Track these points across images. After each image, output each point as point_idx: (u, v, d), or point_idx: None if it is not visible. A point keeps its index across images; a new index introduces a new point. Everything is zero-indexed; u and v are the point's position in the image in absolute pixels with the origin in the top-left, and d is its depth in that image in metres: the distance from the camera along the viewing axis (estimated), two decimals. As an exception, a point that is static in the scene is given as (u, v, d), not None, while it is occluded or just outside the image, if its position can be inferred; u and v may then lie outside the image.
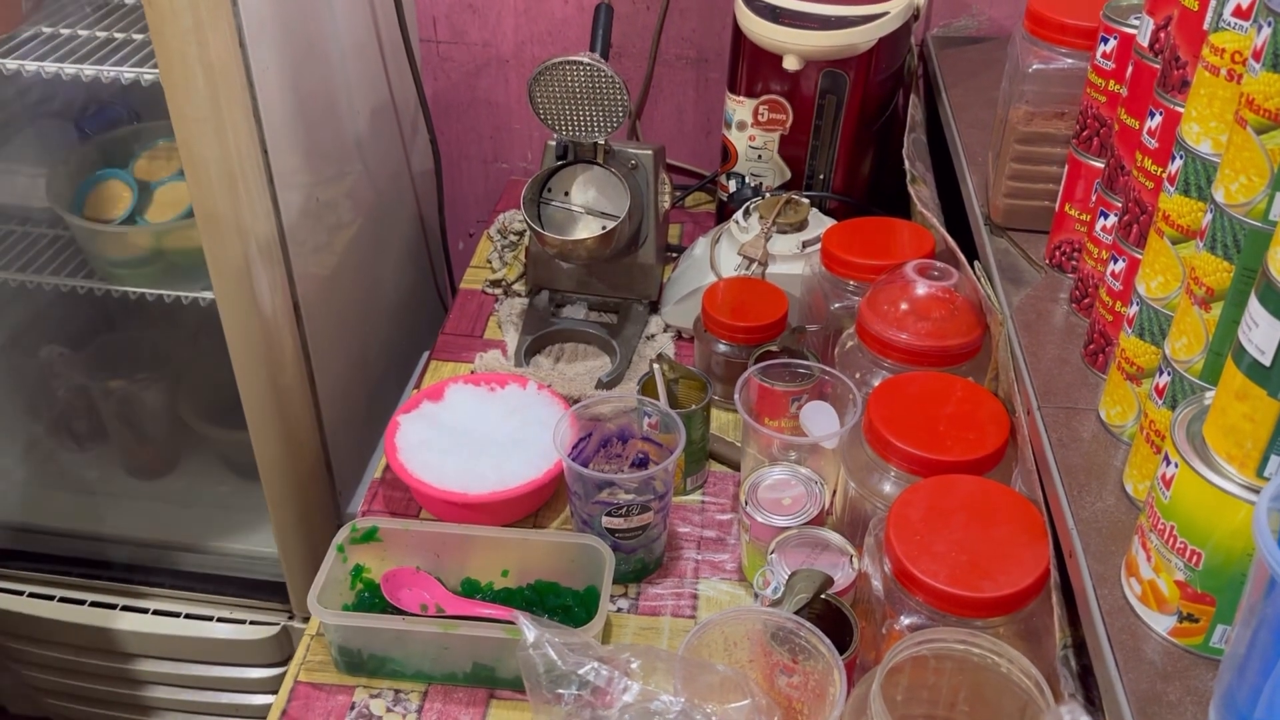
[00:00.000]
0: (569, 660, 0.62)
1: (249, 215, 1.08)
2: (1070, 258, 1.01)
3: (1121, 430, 0.83)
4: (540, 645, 0.62)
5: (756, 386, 1.10)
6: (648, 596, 1.05)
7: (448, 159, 1.69)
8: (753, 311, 1.21)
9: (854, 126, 1.36)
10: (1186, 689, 0.65)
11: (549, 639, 0.63)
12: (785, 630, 0.83)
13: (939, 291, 1.07)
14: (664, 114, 1.64)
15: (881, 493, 0.95)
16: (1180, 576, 0.66)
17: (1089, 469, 0.81)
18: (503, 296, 1.41)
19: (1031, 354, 0.93)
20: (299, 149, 1.18)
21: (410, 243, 1.60)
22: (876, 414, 0.95)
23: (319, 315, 1.27)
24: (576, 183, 1.28)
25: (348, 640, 0.96)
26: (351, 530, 1.01)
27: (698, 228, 1.55)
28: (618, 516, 1.00)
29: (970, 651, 0.78)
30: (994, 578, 0.80)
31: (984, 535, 0.83)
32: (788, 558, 0.95)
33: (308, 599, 0.93)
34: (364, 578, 1.02)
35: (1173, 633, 0.68)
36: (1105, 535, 0.75)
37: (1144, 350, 0.78)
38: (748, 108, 1.38)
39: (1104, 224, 0.90)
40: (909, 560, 0.81)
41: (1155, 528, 0.67)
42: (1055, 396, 0.88)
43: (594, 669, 0.62)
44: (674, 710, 0.59)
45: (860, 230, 1.23)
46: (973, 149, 1.23)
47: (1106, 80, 0.91)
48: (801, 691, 0.85)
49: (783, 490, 1.02)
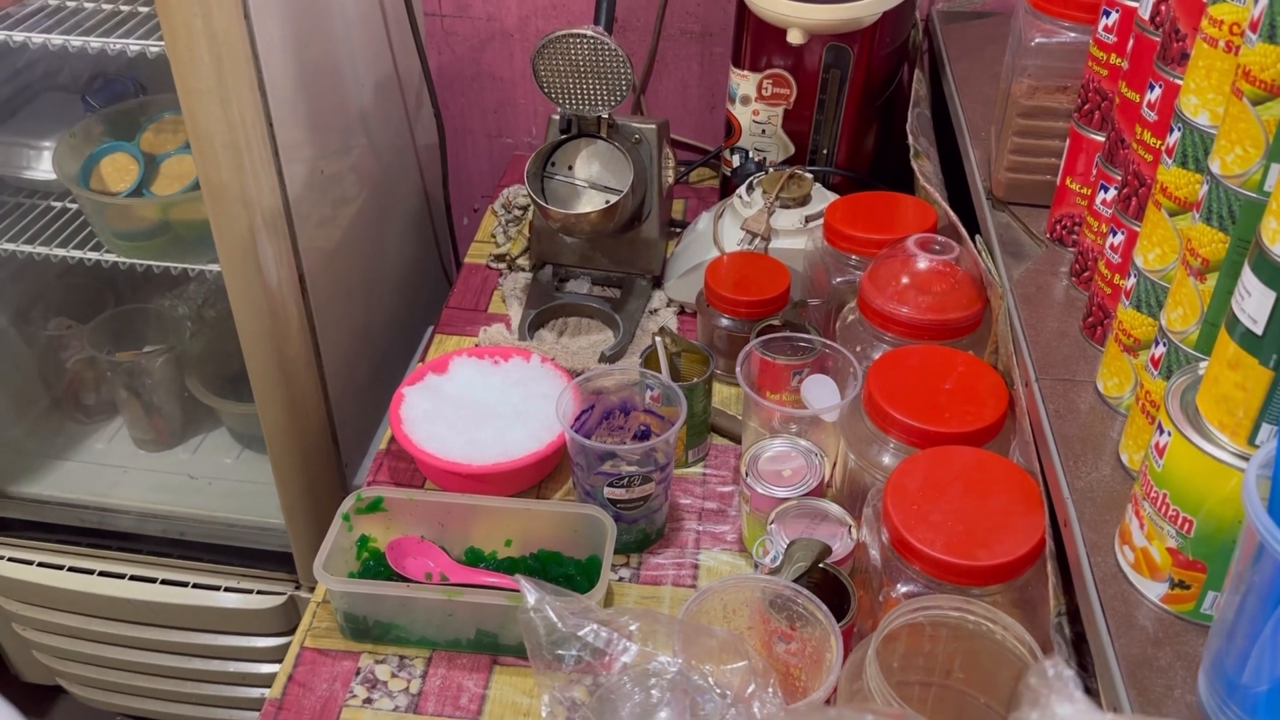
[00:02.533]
0: (569, 623, 0.63)
1: (254, 187, 1.09)
2: (1071, 232, 1.01)
3: (1118, 402, 0.84)
4: (541, 608, 0.63)
5: (758, 360, 1.11)
6: (649, 566, 1.06)
7: (452, 133, 1.69)
8: (755, 286, 1.22)
9: (858, 101, 1.37)
10: (1177, 654, 0.66)
11: (550, 602, 0.64)
12: (783, 598, 0.84)
13: (940, 265, 1.07)
14: (668, 89, 1.64)
15: (881, 464, 0.96)
16: (1172, 544, 0.66)
17: (1085, 440, 0.82)
18: (506, 271, 1.42)
19: (1031, 327, 0.94)
20: (304, 121, 1.18)
21: (414, 216, 1.61)
22: (876, 387, 0.95)
23: (324, 288, 1.27)
24: (580, 157, 1.28)
25: (353, 607, 0.97)
26: (357, 499, 1.02)
27: (702, 203, 1.56)
28: (619, 487, 1.01)
29: (965, 619, 0.79)
30: (989, 546, 0.81)
31: (980, 505, 0.84)
32: (787, 528, 0.96)
33: (314, 566, 0.95)
34: (369, 547, 1.03)
35: (1164, 599, 0.69)
36: (1100, 505, 0.76)
37: (1141, 322, 0.78)
38: (751, 82, 1.38)
39: (1104, 197, 0.90)
40: (906, 529, 0.82)
41: (1148, 495, 0.68)
42: (1053, 368, 0.89)
43: (593, 631, 0.63)
44: (671, 671, 0.60)
45: (863, 205, 1.23)
46: (976, 123, 1.23)
47: (1108, 54, 0.91)
48: (799, 658, 0.86)
49: (783, 462, 1.03)
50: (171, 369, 1.55)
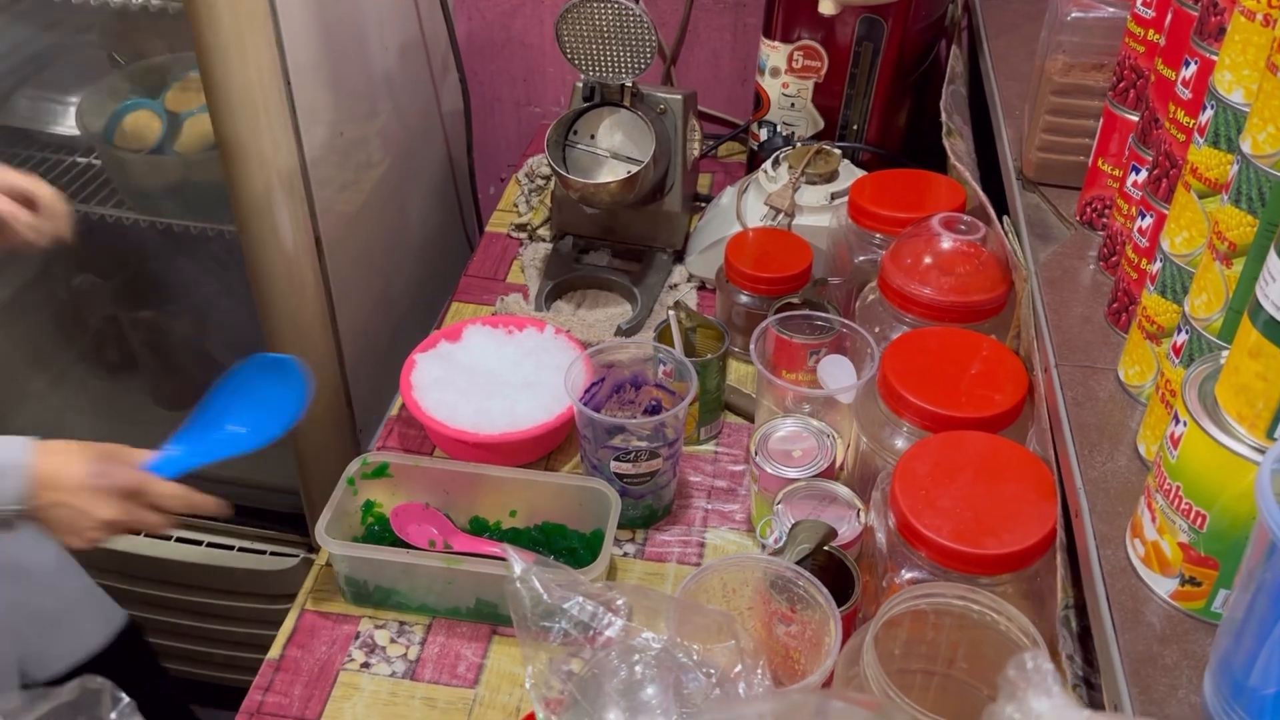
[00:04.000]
0: (555, 594, 0.62)
1: (270, 146, 1.08)
2: (1101, 215, 0.98)
3: (1139, 391, 0.81)
4: (527, 578, 0.62)
5: (774, 338, 1.09)
6: (655, 543, 1.04)
7: (480, 101, 1.68)
8: (776, 263, 1.19)
9: (890, 76, 1.33)
10: (1184, 653, 0.63)
11: (536, 572, 0.62)
12: (784, 579, 0.82)
13: (965, 246, 1.04)
14: (699, 59, 1.62)
15: (893, 448, 0.93)
16: (1184, 538, 0.64)
17: (1102, 429, 0.79)
18: (527, 240, 1.41)
19: (1054, 311, 0.91)
20: (324, 82, 1.17)
21: (438, 184, 1.60)
22: (891, 368, 0.93)
23: (341, 252, 1.27)
24: (603, 125, 1.26)
25: (355, 571, 0.96)
26: (362, 464, 1.01)
27: (729, 178, 1.53)
28: (626, 461, 0.99)
29: (969, 608, 0.77)
30: (998, 535, 0.78)
31: (991, 492, 0.82)
32: (794, 509, 0.94)
33: (315, 529, 0.94)
34: (375, 512, 1.03)
35: (1174, 596, 0.66)
36: (1113, 496, 0.74)
37: (1165, 308, 0.75)
38: (782, 54, 1.35)
39: (1135, 179, 0.87)
40: (913, 514, 0.80)
41: (1161, 488, 0.65)
42: (1074, 354, 0.86)
43: (579, 604, 0.62)
44: (655, 647, 0.59)
45: (890, 182, 1.20)
46: (1011, 102, 1.19)
47: (1146, 29, 0.88)
48: (799, 640, 0.85)
49: (794, 442, 1.01)
50: (191, 329, 1.55)
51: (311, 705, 0.91)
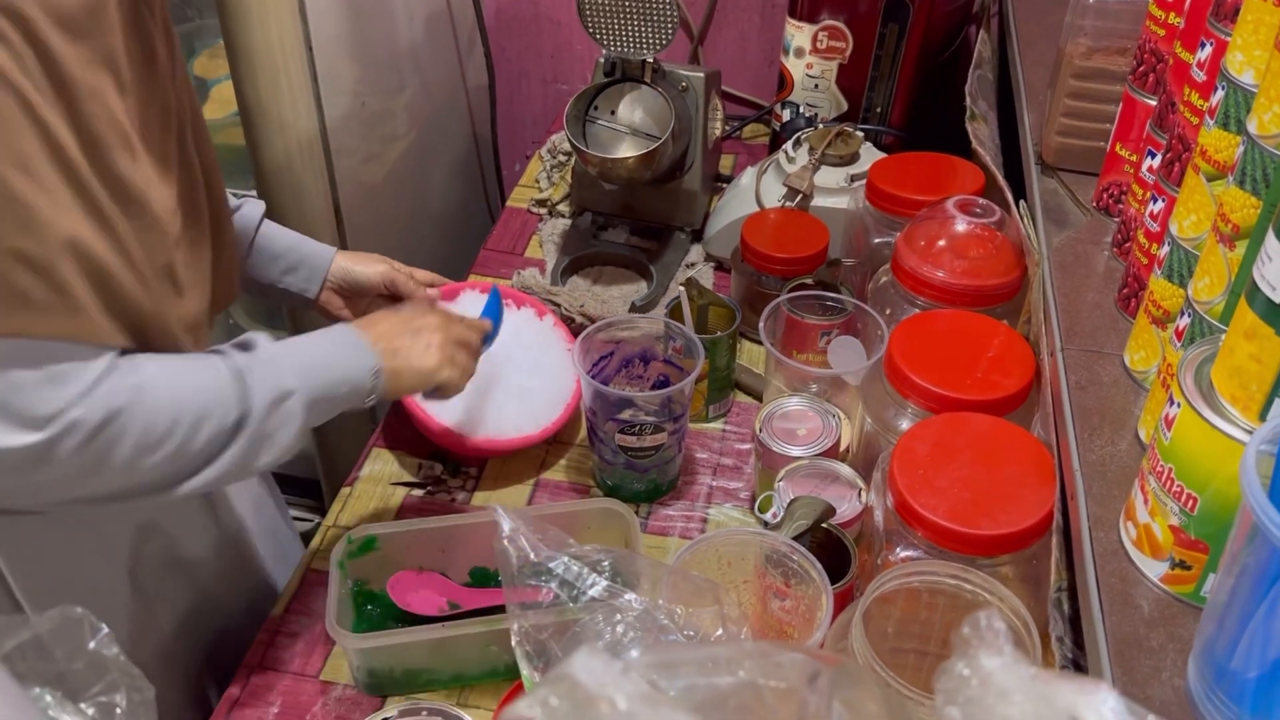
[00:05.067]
0: (541, 554, 0.63)
1: (290, 111, 1.09)
2: (1117, 201, 0.97)
3: (1144, 376, 0.80)
4: (515, 537, 0.63)
5: (785, 317, 1.09)
6: (658, 517, 1.05)
7: (507, 76, 1.68)
8: (791, 243, 1.19)
9: (916, 59, 1.32)
10: (1170, 636, 0.63)
11: (524, 531, 0.63)
12: (779, 554, 0.83)
13: (979, 229, 1.04)
14: (727, 39, 1.61)
15: (897, 429, 0.93)
16: (1175, 521, 0.63)
17: (1104, 413, 0.78)
18: (546, 216, 1.41)
19: (1064, 296, 0.90)
20: (346, 50, 1.18)
21: (462, 159, 1.61)
22: (898, 349, 0.93)
23: (362, 222, 1.28)
24: (624, 102, 1.26)
25: (377, 661, 0.87)
26: (348, 543, 0.91)
27: (752, 159, 1.52)
28: (631, 434, 1.00)
29: (961, 587, 0.77)
30: (994, 516, 0.78)
31: (990, 474, 0.81)
32: (795, 487, 0.94)
33: (326, 624, 0.84)
34: (365, 590, 0.94)
35: (1164, 579, 0.66)
36: (1110, 479, 0.73)
37: (1171, 293, 0.75)
38: (806, 34, 1.34)
39: (1150, 164, 0.86)
40: (910, 494, 0.80)
41: (1154, 470, 0.64)
42: (1081, 339, 0.85)
43: (564, 563, 0.62)
44: (636, 608, 0.59)
45: (910, 165, 1.20)
46: (1035, 87, 1.18)
47: (1167, 13, 0.87)
48: (793, 615, 0.85)
49: (799, 421, 1.01)
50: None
51: (312, 662, 0.92)
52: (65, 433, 0.67)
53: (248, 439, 0.76)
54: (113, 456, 0.70)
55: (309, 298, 1.03)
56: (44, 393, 0.66)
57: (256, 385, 0.76)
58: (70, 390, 0.67)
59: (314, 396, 0.80)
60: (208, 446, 0.74)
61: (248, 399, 0.76)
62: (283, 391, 0.77)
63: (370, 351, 0.84)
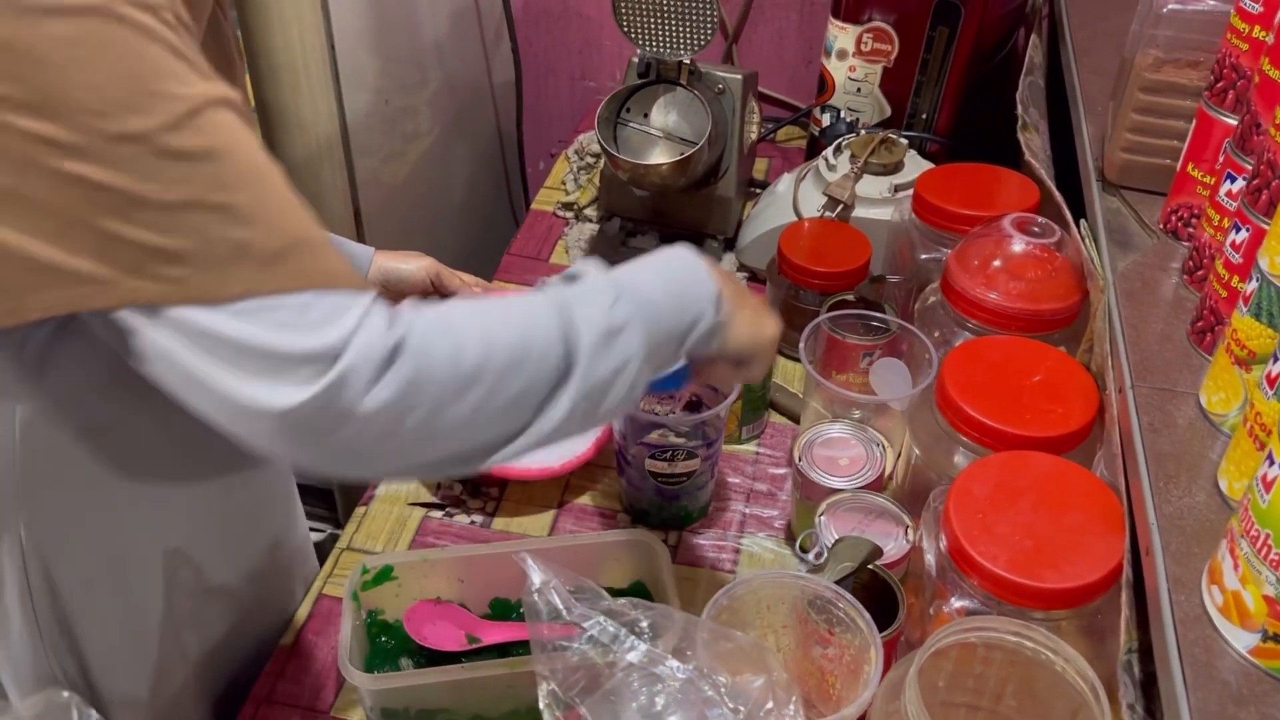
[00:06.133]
0: (575, 612, 0.58)
1: (310, 111, 1.04)
2: (1188, 224, 0.91)
3: (1223, 420, 0.74)
4: (546, 592, 0.58)
5: (826, 336, 1.03)
6: (688, 546, 1.00)
7: (534, 72, 1.63)
8: (831, 256, 1.14)
9: (965, 64, 1.26)
10: (1262, 716, 0.57)
11: (556, 586, 0.58)
12: (823, 599, 0.77)
13: (1037, 250, 0.98)
14: (763, 38, 1.55)
15: (948, 463, 0.88)
16: (1270, 591, 0.58)
17: (1180, 459, 0.73)
18: (573, 220, 1.36)
19: (1131, 326, 0.84)
20: (369, 47, 1.13)
21: (487, 158, 1.55)
22: (951, 378, 0.87)
23: (382, 223, 1.23)
24: (657, 104, 1.21)
25: (392, 701, 0.82)
26: (362, 573, 0.86)
27: (787, 163, 1.47)
28: (662, 460, 0.94)
29: (1023, 645, 0.71)
30: (1058, 568, 0.72)
31: (1053, 520, 0.76)
32: (837, 522, 0.88)
33: (339, 662, 0.80)
34: (379, 621, 0.90)
35: (1254, 652, 0.60)
36: (1189, 535, 0.67)
37: (1259, 333, 0.69)
38: (850, 35, 1.28)
39: (1229, 188, 0.80)
40: (967, 539, 0.74)
41: (1247, 533, 0.59)
42: (1152, 375, 0.79)
43: (599, 624, 0.57)
44: (680, 677, 0.54)
45: (959, 177, 1.14)
46: (1093, 97, 1.12)
47: (1251, 25, 0.81)
48: (836, 664, 0.80)
49: (841, 449, 0.95)
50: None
51: (324, 695, 0.87)
52: (340, 384, 0.55)
53: (581, 375, 0.61)
54: (407, 403, 0.56)
55: None
56: (301, 349, 0.55)
57: (581, 318, 0.62)
58: (332, 339, 0.55)
59: (650, 324, 0.65)
60: (531, 388, 0.60)
61: (573, 333, 0.61)
62: (614, 323, 0.63)
63: (713, 284, 0.70)
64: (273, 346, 0.55)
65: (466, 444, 0.59)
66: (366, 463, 0.59)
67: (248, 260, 0.54)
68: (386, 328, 0.57)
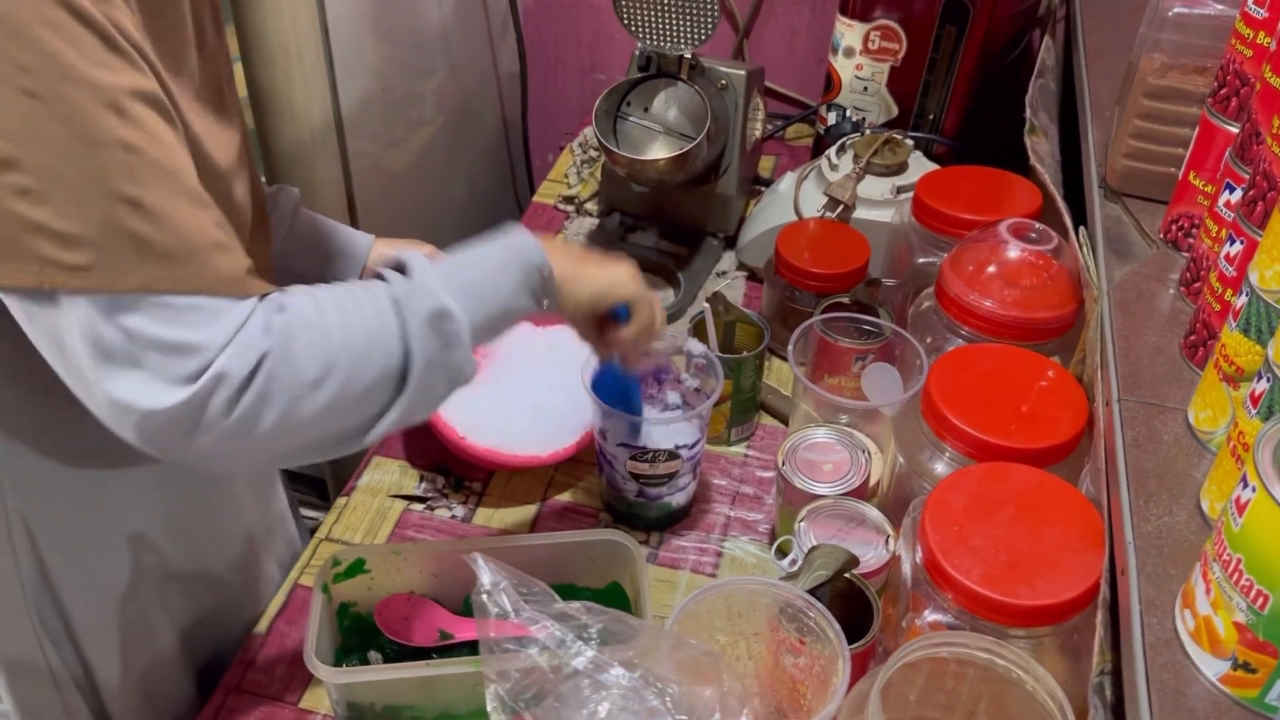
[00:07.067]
0: (524, 615, 0.56)
1: (303, 98, 1.03)
2: (1188, 234, 0.88)
3: (1210, 438, 0.72)
4: (496, 594, 0.57)
5: (817, 339, 1.02)
6: (669, 547, 0.98)
7: (544, 64, 1.62)
8: (829, 258, 1.12)
9: (974, 64, 1.24)
10: (1228, 748, 0.56)
11: (505, 586, 0.57)
12: (794, 608, 0.76)
13: (1033, 257, 0.96)
14: (774, 34, 1.53)
15: (932, 472, 0.86)
16: (1241, 618, 0.56)
17: (1163, 477, 0.70)
18: (574, 214, 1.35)
19: (1123, 338, 0.82)
20: (367, 34, 1.12)
21: (491, 149, 1.54)
22: (937, 385, 0.85)
23: (379, 213, 1.22)
24: (658, 98, 1.19)
25: (358, 696, 0.81)
26: (334, 564, 0.85)
27: (795, 162, 1.45)
28: (643, 461, 0.93)
29: (994, 662, 0.70)
30: (1033, 584, 0.71)
31: (1031, 535, 0.74)
32: (816, 528, 0.87)
33: (305, 656, 0.78)
34: (350, 614, 0.88)
35: (1224, 680, 0.58)
36: (1167, 556, 0.65)
37: (1247, 349, 0.67)
38: (858, 33, 1.26)
39: (1228, 199, 0.78)
40: (941, 552, 0.73)
41: (1220, 557, 0.57)
42: (1141, 389, 0.77)
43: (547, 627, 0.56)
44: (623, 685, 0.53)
45: (961, 180, 1.12)
46: (1101, 102, 1.09)
47: (1256, 31, 0.78)
48: (807, 674, 0.78)
49: (825, 454, 0.93)
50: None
51: (293, 686, 0.87)
52: (213, 388, 0.59)
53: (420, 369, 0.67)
54: (273, 404, 0.61)
55: None
56: (183, 350, 0.58)
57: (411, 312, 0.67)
58: (213, 343, 0.59)
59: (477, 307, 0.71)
60: (381, 378, 0.65)
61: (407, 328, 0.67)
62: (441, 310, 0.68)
63: (540, 248, 0.75)
64: (154, 345, 0.57)
65: (320, 435, 0.65)
66: (225, 460, 0.64)
67: (147, 255, 0.56)
68: (262, 333, 0.61)
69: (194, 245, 0.58)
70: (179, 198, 0.58)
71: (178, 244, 0.57)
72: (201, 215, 0.59)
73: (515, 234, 0.77)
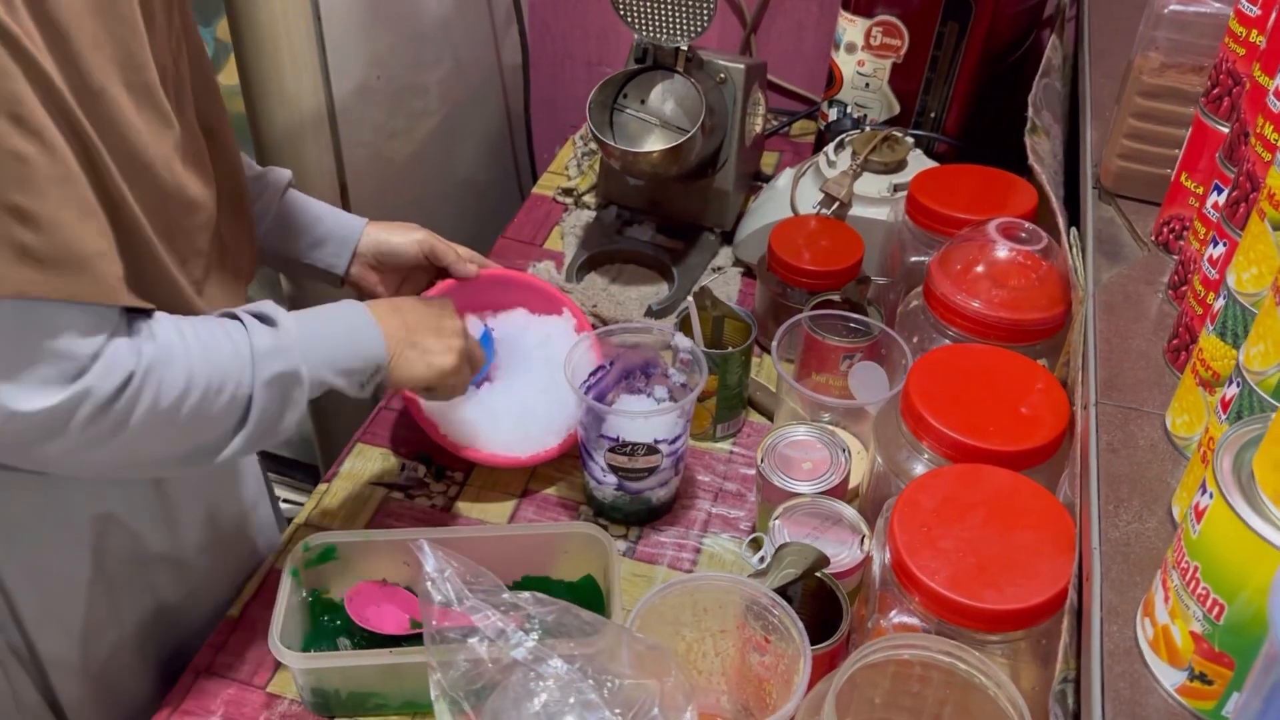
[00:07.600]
0: (467, 603, 0.56)
1: (294, 84, 1.03)
2: (1179, 237, 0.87)
3: (1186, 444, 0.70)
4: (440, 581, 0.56)
5: (805, 336, 1.01)
6: (648, 542, 0.98)
7: (550, 56, 1.61)
8: (822, 255, 1.10)
9: (977, 62, 1.22)
10: (1182, 761, 0.54)
11: (449, 574, 0.56)
12: (760, 605, 0.75)
13: (1022, 256, 0.94)
14: (782, 29, 1.52)
15: (910, 473, 0.85)
16: (1197, 628, 0.54)
17: (1135, 482, 0.69)
18: (572, 206, 1.34)
19: (1107, 341, 0.80)
20: (362, 21, 1.12)
21: (493, 140, 1.54)
22: (916, 386, 0.84)
23: (373, 202, 1.22)
24: (655, 91, 1.18)
25: (323, 682, 0.81)
26: (305, 550, 0.85)
27: (798, 158, 1.44)
28: (623, 454, 0.92)
29: (956, 666, 0.68)
30: (1000, 588, 0.69)
31: (1002, 538, 0.73)
32: (791, 526, 0.86)
33: (269, 640, 0.78)
34: (323, 600, 0.88)
35: (1181, 690, 0.57)
36: (1133, 563, 0.64)
37: (1223, 353, 0.65)
38: (859, 28, 1.25)
39: (1215, 200, 0.76)
40: (909, 553, 0.72)
41: (1178, 564, 0.55)
42: (1119, 393, 0.76)
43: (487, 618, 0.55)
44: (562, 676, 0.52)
45: (958, 179, 1.10)
46: (1102, 102, 1.07)
47: (1249, 29, 0.76)
48: (772, 673, 0.77)
49: (805, 452, 0.92)
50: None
51: (261, 671, 0.87)
52: (80, 399, 0.63)
53: (256, 419, 0.73)
54: (127, 425, 0.66)
55: (337, 274, 0.96)
56: (57, 356, 0.61)
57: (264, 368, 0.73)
58: (84, 353, 0.63)
59: (318, 380, 0.77)
60: (224, 417, 0.71)
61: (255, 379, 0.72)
62: (293, 375, 0.74)
63: (382, 343, 0.80)
64: (26, 349, 0.60)
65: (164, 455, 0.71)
66: (68, 468, 0.68)
67: (27, 261, 0.58)
68: (131, 355, 0.65)
69: (75, 254, 0.60)
70: (67, 207, 0.59)
71: (59, 252, 0.59)
72: (86, 224, 0.61)
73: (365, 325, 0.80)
